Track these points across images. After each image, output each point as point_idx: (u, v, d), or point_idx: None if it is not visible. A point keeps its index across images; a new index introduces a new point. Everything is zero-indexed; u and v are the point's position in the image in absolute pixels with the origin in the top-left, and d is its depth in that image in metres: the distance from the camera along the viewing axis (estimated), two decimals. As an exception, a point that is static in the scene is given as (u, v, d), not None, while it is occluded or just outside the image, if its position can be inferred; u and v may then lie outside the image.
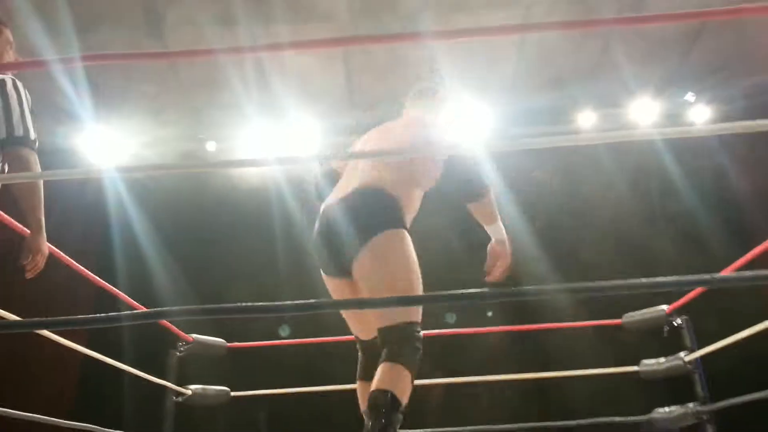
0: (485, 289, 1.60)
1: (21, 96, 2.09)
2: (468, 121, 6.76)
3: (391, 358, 1.80)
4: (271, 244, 6.76)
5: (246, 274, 6.70)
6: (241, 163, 6.67)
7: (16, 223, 2.20)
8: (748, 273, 1.40)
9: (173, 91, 6.31)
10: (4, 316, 2.15)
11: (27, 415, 2.35)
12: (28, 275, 2.11)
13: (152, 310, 1.66)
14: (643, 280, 1.54)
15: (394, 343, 1.83)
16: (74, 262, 2.53)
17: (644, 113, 6.93)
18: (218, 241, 6.94)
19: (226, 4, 5.50)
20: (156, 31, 5.77)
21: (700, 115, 7.05)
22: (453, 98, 2.64)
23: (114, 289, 3.26)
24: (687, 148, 6.57)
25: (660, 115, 6.97)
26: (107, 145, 6.49)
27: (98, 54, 4.04)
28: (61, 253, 2.52)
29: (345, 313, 2.25)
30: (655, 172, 6.86)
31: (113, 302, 3.52)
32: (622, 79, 6.69)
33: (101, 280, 3.09)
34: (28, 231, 2.12)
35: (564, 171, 7.01)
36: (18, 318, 2.15)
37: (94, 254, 6.34)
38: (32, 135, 2.06)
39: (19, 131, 2.02)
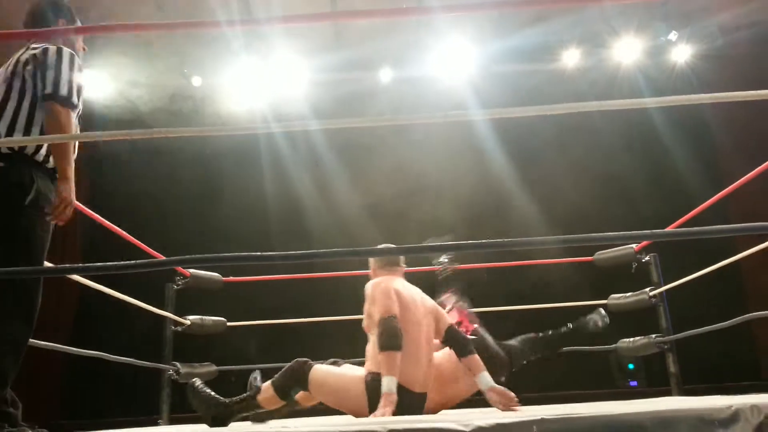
0: (475, 241, 1.79)
1: (62, 60, 2.34)
2: (452, 58, 6.82)
3: None
4: (260, 180, 6.91)
5: (235, 208, 6.86)
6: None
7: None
8: (683, 229, 1.60)
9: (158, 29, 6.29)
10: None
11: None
12: (54, 221, 2.31)
13: (179, 257, 1.82)
14: (593, 234, 1.79)
15: None
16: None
17: (627, 51, 7.01)
18: (207, 177, 7.06)
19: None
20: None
21: (681, 53, 7.14)
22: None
23: (110, 224, 3.31)
24: (667, 89, 6.73)
25: (642, 53, 7.06)
26: (92, 81, 6.46)
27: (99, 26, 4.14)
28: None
29: None
30: (634, 111, 6.99)
31: (106, 235, 3.54)
32: (605, 16, 6.75)
33: (95, 215, 3.15)
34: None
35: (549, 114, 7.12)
36: (50, 264, 2.40)
37: (86, 186, 6.40)
38: (63, 92, 2.29)
39: (48, 89, 2.28)
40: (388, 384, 2.36)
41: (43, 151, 2.28)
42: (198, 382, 2.69)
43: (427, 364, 2.66)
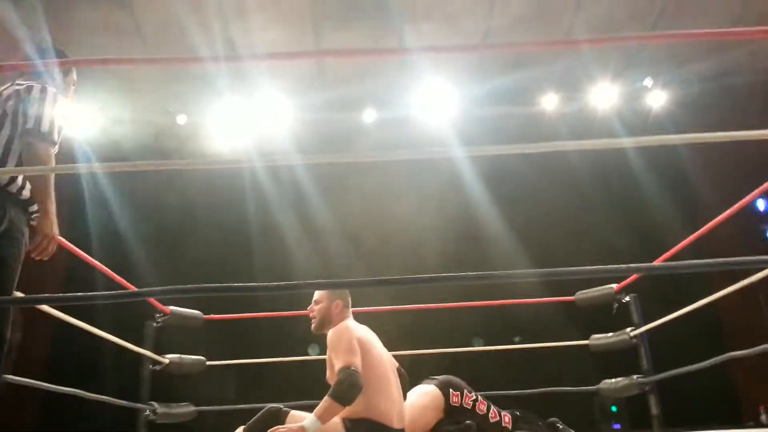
0: (457, 274, 1.80)
1: (45, 98, 2.34)
2: (434, 100, 6.95)
3: None
4: (244, 216, 6.90)
5: (218, 244, 6.83)
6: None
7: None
8: (662, 264, 1.64)
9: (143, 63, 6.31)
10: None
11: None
12: (35, 257, 2.28)
13: (161, 287, 1.81)
14: (577, 268, 1.81)
15: None
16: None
17: (603, 97, 7.20)
18: (191, 213, 7.03)
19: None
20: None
21: (657, 99, 7.34)
22: None
23: (89, 258, 3.23)
24: (644, 134, 6.89)
25: (619, 98, 7.25)
26: (76, 118, 6.44)
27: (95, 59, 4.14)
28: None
29: None
30: (612, 155, 7.13)
31: (87, 272, 3.47)
32: (582, 63, 6.92)
33: (76, 249, 3.09)
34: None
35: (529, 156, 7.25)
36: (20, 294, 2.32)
37: (65, 222, 6.33)
38: (44, 128, 2.28)
39: (29, 124, 2.27)
40: (311, 424, 2.34)
41: (18, 182, 2.26)
42: None
43: (399, 398, 2.65)
